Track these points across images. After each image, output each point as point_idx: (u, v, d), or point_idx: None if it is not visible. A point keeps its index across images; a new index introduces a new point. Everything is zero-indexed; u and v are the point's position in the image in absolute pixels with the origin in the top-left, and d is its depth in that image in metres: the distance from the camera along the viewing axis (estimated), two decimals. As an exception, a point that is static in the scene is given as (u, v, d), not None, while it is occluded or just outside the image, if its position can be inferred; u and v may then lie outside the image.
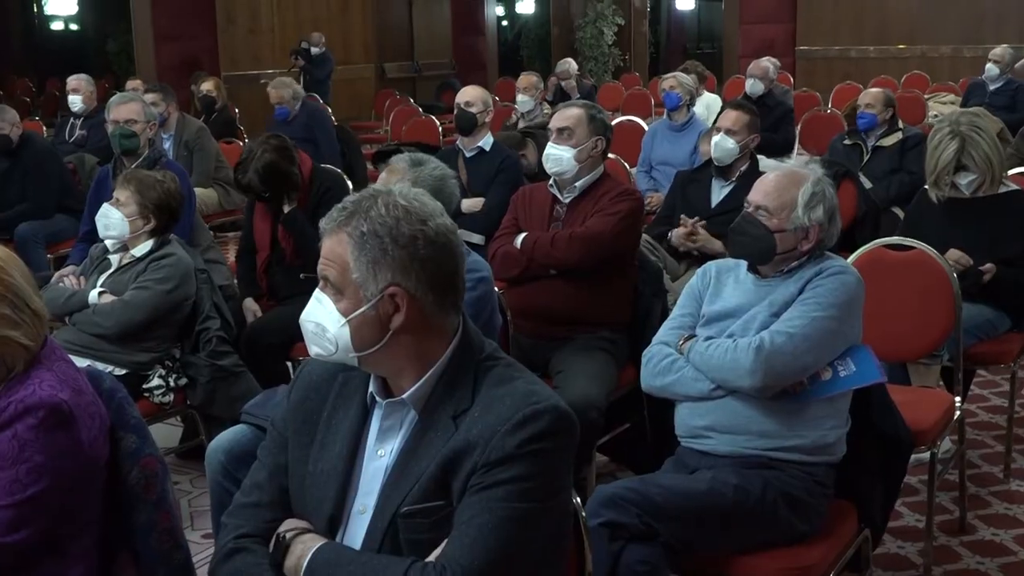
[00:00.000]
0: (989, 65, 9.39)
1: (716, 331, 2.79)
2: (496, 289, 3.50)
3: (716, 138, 4.81)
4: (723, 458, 2.66)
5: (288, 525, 1.89)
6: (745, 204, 2.87)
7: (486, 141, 5.37)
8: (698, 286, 2.92)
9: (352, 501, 1.87)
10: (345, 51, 16.19)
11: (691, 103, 7.18)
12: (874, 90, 6.47)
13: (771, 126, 7.75)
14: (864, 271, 3.65)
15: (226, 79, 14.02)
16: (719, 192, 4.82)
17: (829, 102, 11.81)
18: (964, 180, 4.19)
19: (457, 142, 5.55)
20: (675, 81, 7.17)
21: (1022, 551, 3.58)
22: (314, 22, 15.37)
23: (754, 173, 4.79)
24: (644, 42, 21.08)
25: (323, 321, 1.82)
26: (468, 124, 5.33)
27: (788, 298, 2.74)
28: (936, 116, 11.52)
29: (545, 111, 7.75)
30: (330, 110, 10.97)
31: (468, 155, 5.36)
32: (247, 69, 14.42)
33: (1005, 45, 9.69)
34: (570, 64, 11.44)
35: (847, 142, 6.51)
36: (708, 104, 8.99)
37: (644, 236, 4.39)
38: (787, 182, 2.80)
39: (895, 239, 3.85)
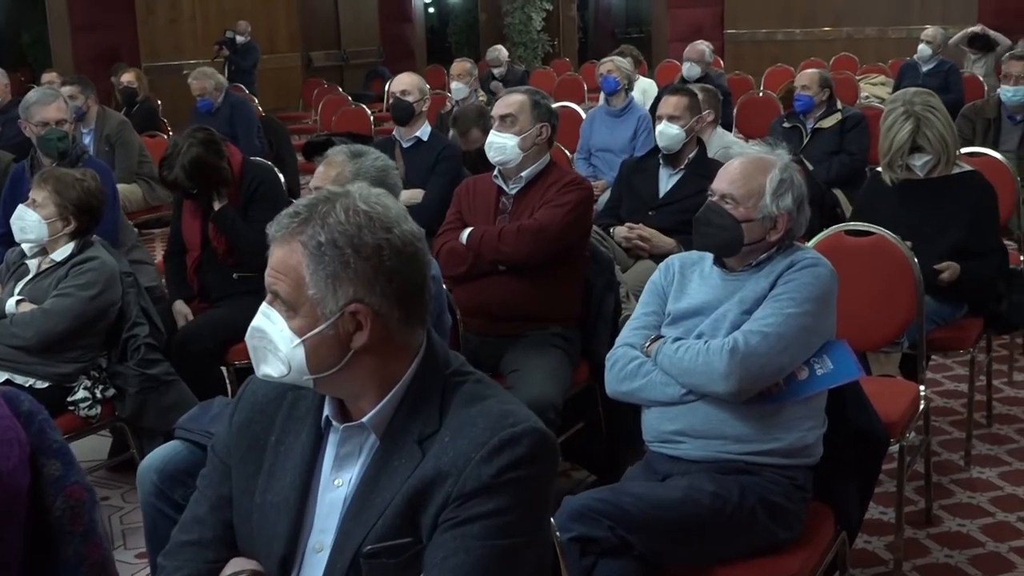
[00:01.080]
0: (921, 46, 9.38)
1: (683, 331, 2.63)
2: (443, 287, 3.33)
3: (660, 127, 4.66)
4: (696, 464, 2.50)
5: (234, 567, 1.69)
6: (709, 192, 2.71)
7: (423, 131, 5.17)
8: (661, 282, 2.76)
9: (307, 538, 1.67)
10: (270, 40, 15.85)
11: (629, 88, 7.04)
12: (809, 71, 6.39)
13: (709, 110, 7.64)
14: (827, 255, 3.57)
15: (147, 70, 13.63)
16: (667, 181, 4.67)
17: (761, 85, 11.78)
18: (919, 161, 4.09)
19: (393, 132, 5.34)
20: (612, 65, 7.02)
21: (989, 542, 3.49)
22: (237, 11, 14.99)
23: (703, 159, 4.67)
24: (573, 27, 20.99)
25: (274, 339, 1.61)
26: (404, 113, 5.12)
27: (759, 293, 2.59)
28: (868, 98, 11.56)
29: (480, 98, 7.56)
30: (256, 101, 10.69)
31: (405, 145, 5.15)
32: (169, 60, 14.03)
33: (936, 26, 9.68)
34: (500, 51, 11.26)
35: (786, 125, 6.42)
36: (644, 89, 8.85)
37: (594, 227, 4.24)
38: (753, 168, 2.65)
39: (855, 224, 3.74)
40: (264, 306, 1.64)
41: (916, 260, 3.56)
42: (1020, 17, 13.72)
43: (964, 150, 5.26)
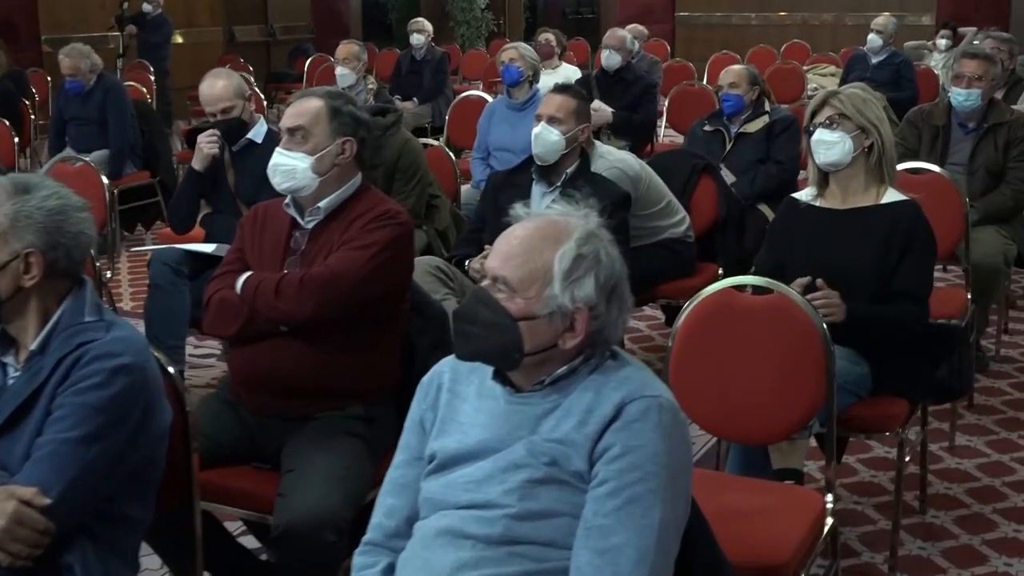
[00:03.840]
0: (872, 36, 8.56)
1: (454, 488, 1.78)
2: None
3: (537, 129, 3.81)
4: None
5: None
6: (476, 271, 1.86)
7: (257, 131, 4.29)
8: (419, 409, 1.91)
9: None
10: (188, 13, 14.80)
11: (534, 79, 6.16)
12: (736, 67, 5.53)
13: (629, 104, 6.80)
14: (708, 322, 2.74)
15: (47, 42, 12.63)
16: (541, 200, 3.82)
17: (704, 74, 10.95)
18: (829, 136, 3.28)
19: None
20: (516, 52, 6.15)
21: None
22: (152, -21, 13.92)
23: (584, 175, 3.83)
24: (519, 6, 20.01)
25: None
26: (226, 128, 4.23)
27: (561, 435, 1.74)
28: (816, 89, 10.76)
29: (370, 86, 6.66)
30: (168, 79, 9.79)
31: (234, 150, 4.27)
32: (71, 32, 12.93)
33: (887, 14, 8.87)
34: (422, 24, 10.20)
35: (707, 128, 5.57)
36: (567, 77, 7.99)
37: (431, 264, 3.39)
38: (538, 239, 1.81)
39: (746, 279, 2.89)
40: None
41: (824, 326, 2.74)
42: (979, 6, 13.00)
43: (905, 165, 4.47)
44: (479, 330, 1.78)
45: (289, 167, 2.81)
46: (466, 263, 3.65)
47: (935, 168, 4.41)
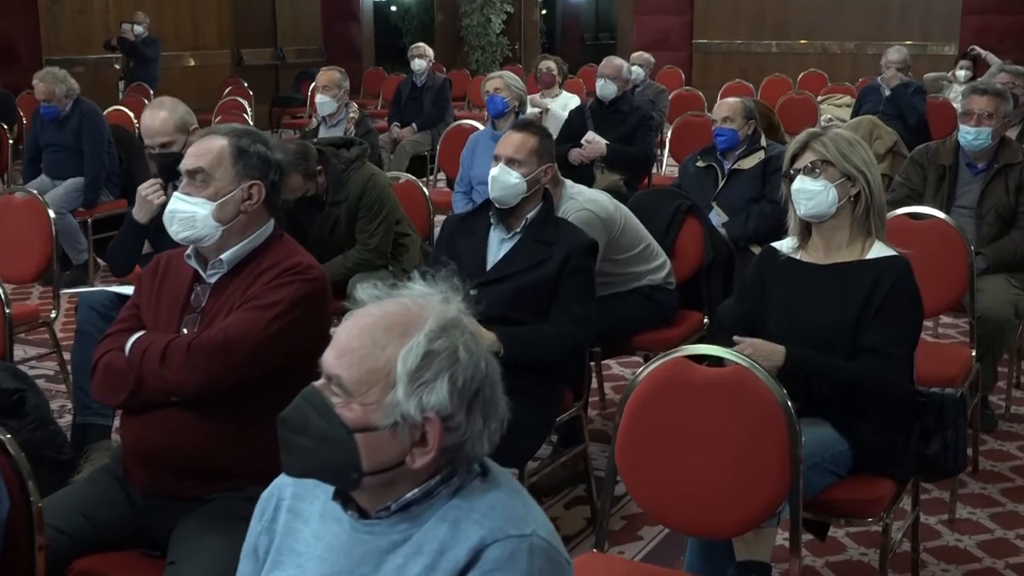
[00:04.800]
0: (891, 72, 7.97)
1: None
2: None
3: (494, 171, 3.48)
4: None
5: None
6: (319, 367, 1.52)
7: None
8: (254, 532, 1.58)
9: None
10: (196, 35, 14.66)
11: (520, 109, 5.85)
12: (730, 100, 5.20)
13: (625, 136, 6.46)
14: (660, 396, 2.39)
15: (49, 64, 12.43)
16: (498, 248, 3.47)
17: (716, 103, 10.59)
18: (813, 186, 2.96)
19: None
20: (501, 82, 5.84)
21: None
22: (157, 2, 13.77)
23: (546, 221, 3.49)
24: (535, 31, 19.78)
25: None
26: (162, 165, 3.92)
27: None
28: (830, 120, 10.40)
29: (351, 114, 6.36)
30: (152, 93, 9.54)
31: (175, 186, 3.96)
32: (75, 53, 12.78)
33: (899, 46, 8.35)
34: (423, 50, 9.88)
35: (700, 164, 5.23)
36: (566, 104, 7.69)
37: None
38: (382, 331, 1.46)
39: (702, 349, 2.54)
40: None
41: (790, 404, 2.39)
42: (1003, 36, 12.63)
43: (904, 209, 4.13)
44: (309, 442, 1.45)
45: (188, 214, 2.50)
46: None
47: (937, 213, 4.05)
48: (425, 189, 4.97)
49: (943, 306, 4.05)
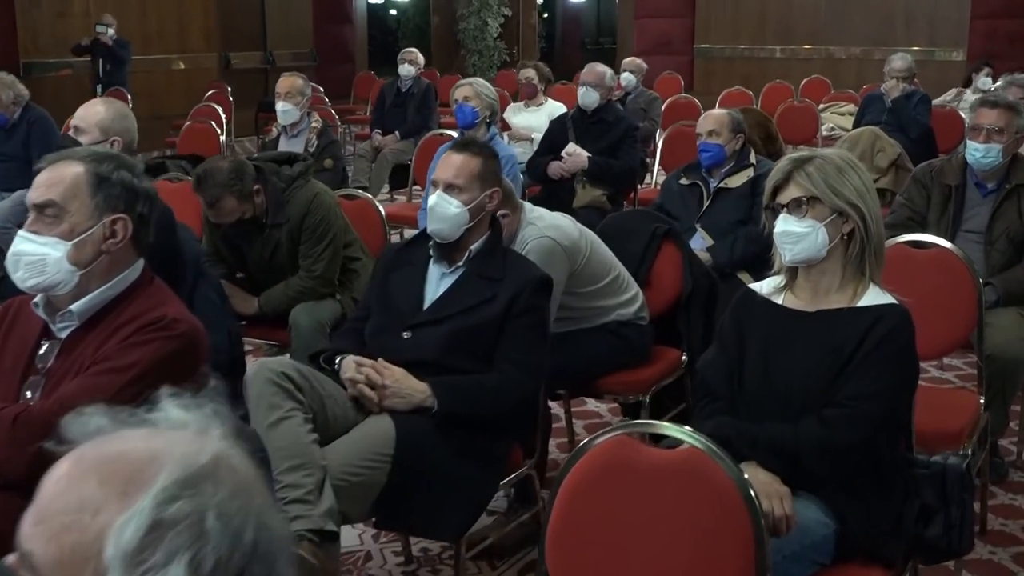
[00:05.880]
0: (891, 83, 7.46)
1: None
2: None
3: (431, 199, 3.04)
4: None
5: None
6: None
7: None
8: None
9: None
10: (181, 38, 14.24)
11: (491, 120, 5.41)
12: (716, 112, 4.77)
13: (609, 148, 6.02)
14: (600, 483, 1.97)
15: (27, 67, 12.06)
16: (437, 284, 3.04)
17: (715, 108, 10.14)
18: (797, 228, 2.55)
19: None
20: (471, 90, 5.41)
21: None
22: (140, 4, 13.37)
23: (493, 253, 3.06)
24: (533, 35, 19.36)
25: None
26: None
27: None
28: (832, 129, 9.95)
29: (314, 124, 5.93)
30: (130, 100, 9.11)
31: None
32: (53, 56, 12.38)
33: (904, 54, 7.81)
34: (413, 55, 9.42)
35: (683, 181, 4.79)
36: (551, 114, 7.25)
37: (276, 371, 2.62)
38: (96, 485, 0.97)
39: (650, 426, 2.10)
40: None
41: (760, 502, 1.96)
42: (1012, 41, 12.19)
43: (904, 237, 3.70)
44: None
45: (36, 257, 2.08)
46: (336, 361, 2.88)
47: (941, 242, 3.61)
48: (381, 208, 4.53)
49: (948, 346, 3.62)
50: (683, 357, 3.88)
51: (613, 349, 3.64)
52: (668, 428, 2.01)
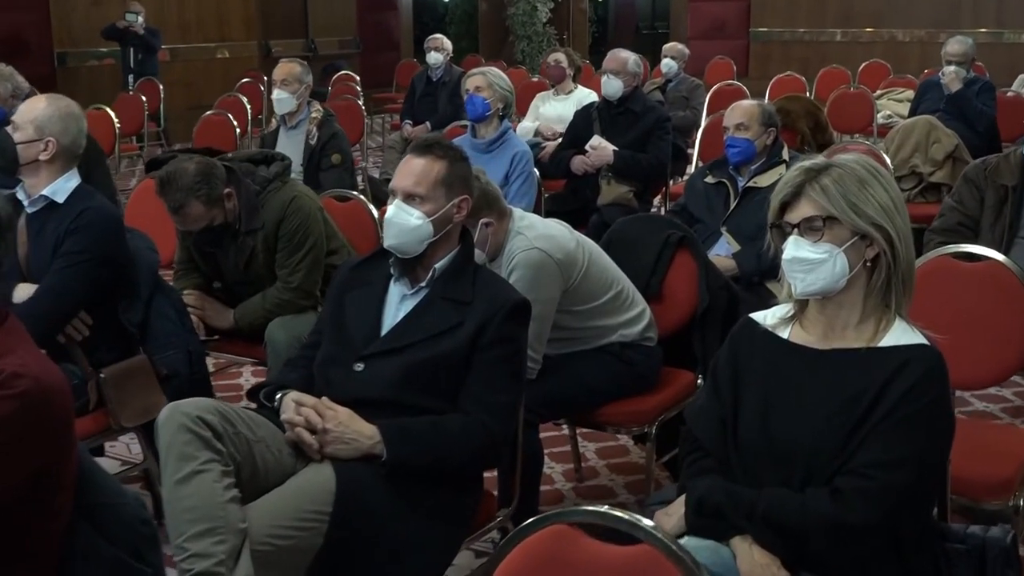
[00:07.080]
0: (949, 70, 6.77)
1: None
2: None
3: (389, 211, 2.64)
4: None
5: None
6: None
7: (58, 188, 3.22)
8: None
9: None
10: (220, 26, 13.98)
11: (504, 113, 5.00)
12: (745, 103, 4.30)
13: (637, 141, 5.57)
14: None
15: (60, 57, 11.89)
16: (397, 307, 2.63)
17: (766, 98, 9.61)
18: (806, 254, 2.13)
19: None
20: (483, 80, 4.99)
21: None
22: (179, -8, 13.13)
23: (462, 272, 2.65)
24: (584, 19, 18.86)
25: None
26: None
27: None
28: (890, 116, 9.38)
29: (314, 113, 5.57)
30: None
31: (29, 211, 3.19)
32: (86, 46, 12.18)
33: (963, 38, 7.20)
34: (440, 42, 9.00)
35: (709, 179, 4.34)
36: (580, 102, 6.80)
37: (192, 415, 2.24)
38: None
39: (590, 514, 1.68)
40: None
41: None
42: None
43: (948, 249, 3.23)
44: None
45: None
46: (275, 398, 2.51)
47: (993, 254, 3.13)
48: (374, 211, 4.14)
49: (996, 375, 3.15)
50: (698, 381, 3.45)
51: (614, 374, 3.22)
52: (622, 521, 1.60)
